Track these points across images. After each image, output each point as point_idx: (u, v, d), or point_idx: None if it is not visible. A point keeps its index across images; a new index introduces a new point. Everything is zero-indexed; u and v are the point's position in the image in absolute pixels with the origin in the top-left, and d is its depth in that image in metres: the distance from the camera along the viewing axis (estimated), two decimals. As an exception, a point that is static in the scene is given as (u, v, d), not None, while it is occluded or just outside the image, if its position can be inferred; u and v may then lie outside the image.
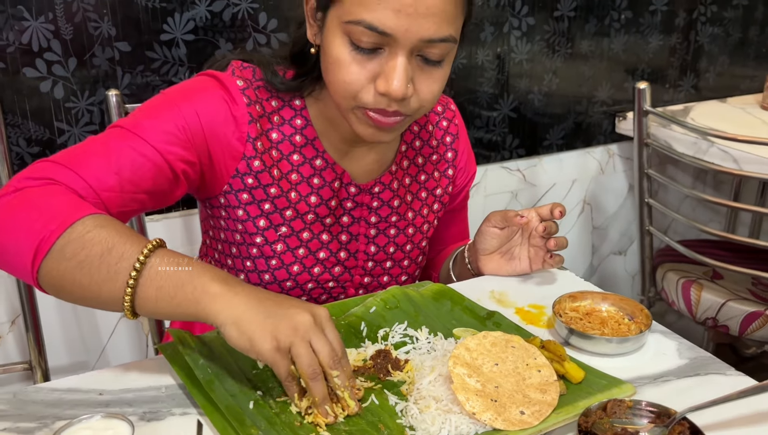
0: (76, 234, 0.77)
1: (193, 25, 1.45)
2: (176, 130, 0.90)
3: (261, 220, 0.98)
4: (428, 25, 0.81)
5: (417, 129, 1.09)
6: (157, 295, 0.76)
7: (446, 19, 0.82)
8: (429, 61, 0.85)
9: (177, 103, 0.91)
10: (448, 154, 1.12)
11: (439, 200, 1.12)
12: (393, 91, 0.83)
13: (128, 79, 1.43)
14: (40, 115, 1.39)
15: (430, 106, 0.90)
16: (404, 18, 0.80)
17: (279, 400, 0.77)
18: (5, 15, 1.30)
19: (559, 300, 0.95)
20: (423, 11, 0.80)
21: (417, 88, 0.86)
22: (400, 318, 0.92)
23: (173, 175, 0.91)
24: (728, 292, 1.74)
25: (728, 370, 0.86)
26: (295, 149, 0.98)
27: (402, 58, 0.83)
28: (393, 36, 0.81)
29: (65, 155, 0.86)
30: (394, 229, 1.07)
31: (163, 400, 0.80)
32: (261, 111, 0.95)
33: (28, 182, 0.83)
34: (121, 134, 0.88)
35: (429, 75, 0.86)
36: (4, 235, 0.79)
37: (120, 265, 0.76)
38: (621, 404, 0.74)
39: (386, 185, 1.05)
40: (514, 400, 0.74)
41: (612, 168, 2.15)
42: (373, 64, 0.84)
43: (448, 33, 0.83)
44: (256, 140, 0.94)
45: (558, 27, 1.88)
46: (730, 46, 2.18)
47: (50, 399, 0.80)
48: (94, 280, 0.77)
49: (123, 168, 0.86)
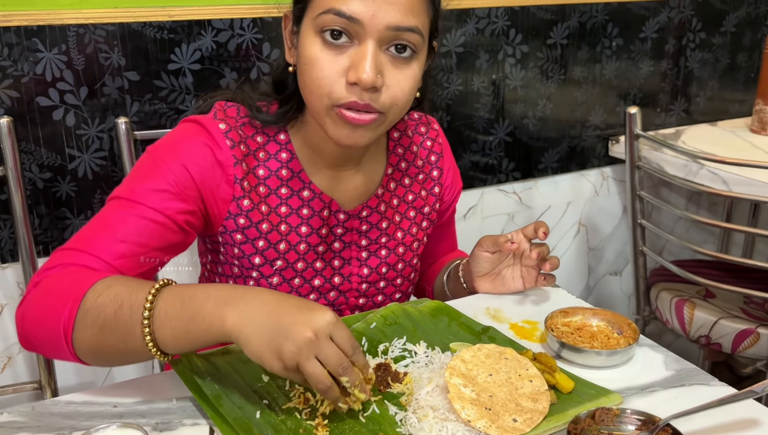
0: (89, 303, 0.82)
1: (200, 55, 1.51)
2: (169, 187, 0.94)
3: (256, 257, 1.02)
4: (394, 12, 0.86)
5: (401, 151, 1.13)
6: (174, 335, 0.80)
7: (411, 9, 0.88)
8: (398, 56, 0.89)
9: (164, 160, 0.95)
10: (434, 172, 1.16)
11: (427, 218, 1.16)
12: (363, 79, 0.86)
13: (137, 107, 1.49)
14: (52, 142, 1.44)
15: (402, 105, 0.92)
16: (371, 4, 0.86)
17: (284, 407, 0.81)
18: (21, 47, 1.37)
19: (551, 315, 1.00)
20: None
21: (387, 83, 0.89)
22: (399, 333, 0.97)
23: (178, 228, 0.95)
24: (720, 310, 1.78)
25: (712, 380, 0.90)
26: (282, 183, 1.02)
27: (371, 47, 0.87)
28: (360, 22, 0.86)
29: (74, 239, 0.91)
30: (384, 249, 1.11)
31: (174, 411, 0.84)
32: (246, 150, 0.99)
33: (45, 274, 0.88)
34: (119, 205, 0.93)
35: (399, 70, 0.90)
36: (38, 331, 0.85)
37: (132, 317, 0.80)
38: (608, 412, 0.79)
39: (373, 208, 1.09)
40: (507, 408, 0.78)
41: (606, 190, 2.20)
42: (343, 58, 0.88)
43: (414, 23, 0.88)
44: (243, 180, 0.98)
45: (551, 54, 1.94)
46: (719, 71, 2.25)
47: (67, 411, 0.85)
48: (118, 339, 0.81)
49: (128, 235, 0.91)
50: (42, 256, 1.48)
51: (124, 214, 0.92)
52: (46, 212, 1.48)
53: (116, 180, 1.51)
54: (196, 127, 0.98)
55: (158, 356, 0.81)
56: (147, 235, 0.92)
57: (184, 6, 1.48)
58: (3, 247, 1.46)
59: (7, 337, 1.53)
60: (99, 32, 1.42)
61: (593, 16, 1.97)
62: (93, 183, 1.49)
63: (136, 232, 0.91)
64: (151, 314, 0.79)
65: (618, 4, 1.99)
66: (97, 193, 1.51)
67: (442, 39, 1.76)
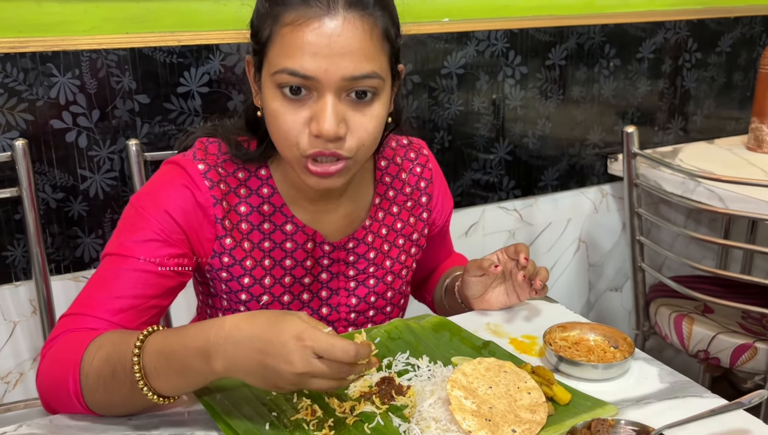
0: (87, 368, 0.86)
1: (208, 78, 1.56)
2: (156, 236, 0.96)
3: (242, 293, 1.04)
4: (346, 64, 0.86)
5: (389, 180, 1.13)
6: (171, 386, 0.83)
7: (364, 56, 0.87)
8: (359, 99, 0.90)
9: (147, 210, 0.97)
10: (423, 198, 1.16)
11: (416, 244, 1.17)
12: (324, 131, 0.87)
13: (147, 129, 1.54)
14: (65, 163, 1.49)
15: (369, 145, 0.93)
16: (322, 59, 0.86)
17: (292, 419, 0.84)
18: (36, 72, 1.41)
19: (549, 330, 1.03)
20: (338, 51, 0.86)
21: (351, 128, 0.90)
22: (402, 348, 1.00)
23: (173, 272, 0.98)
24: (718, 325, 1.81)
25: (705, 392, 0.93)
26: (265, 218, 1.03)
27: (330, 98, 0.88)
28: (315, 78, 0.87)
29: (76, 303, 0.95)
30: (372, 278, 1.11)
31: (187, 423, 0.88)
32: (225, 188, 1.01)
33: (51, 344, 0.92)
34: (112, 262, 0.96)
35: (362, 113, 0.90)
36: (55, 400, 0.90)
37: (127, 376, 0.83)
38: (604, 423, 0.82)
39: (360, 240, 1.09)
40: (507, 419, 0.81)
41: (606, 207, 2.23)
42: (304, 110, 0.89)
43: (369, 69, 0.88)
44: (224, 219, 1.00)
45: (550, 75, 1.98)
46: (716, 90, 2.29)
47: (83, 424, 0.88)
48: (124, 397, 0.85)
49: (123, 290, 0.94)
50: (54, 274, 1.52)
51: (117, 270, 0.95)
52: (58, 231, 1.52)
53: (126, 200, 1.55)
54: (176, 170, 1.00)
55: (167, 401, 0.85)
56: (142, 286, 0.95)
57: (193, 31, 1.53)
58: (16, 266, 1.50)
59: (19, 354, 1.57)
60: (111, 57, 1.47)
61: (591, 38, 2.01)
62: (104, 203, 1.54)
63: (131, 285, 0.94)
64: (142, 374, 0.82)
65: (615, 26, 2.04)
66: (108, 213, 1.55)
67: (443, 61, 1.81)
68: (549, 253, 2.18)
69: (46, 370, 0.91)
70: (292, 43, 0.87)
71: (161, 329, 0.85)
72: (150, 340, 0.83)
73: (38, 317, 1.52)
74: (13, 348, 1.56)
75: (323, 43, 0.86)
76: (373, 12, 0.89)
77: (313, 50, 0.86)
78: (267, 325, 0.78)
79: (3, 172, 1.43)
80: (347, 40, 0.87)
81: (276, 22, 0.89)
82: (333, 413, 0.86)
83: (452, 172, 1.91)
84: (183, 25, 1.52)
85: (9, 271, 1.50)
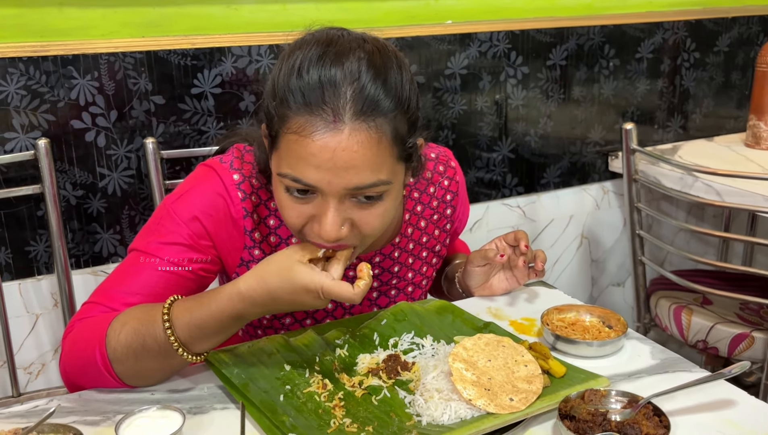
0: (114, 342, 0.92)
1: (221, 80, 1.62)
2: (182, 240, 0.99)
3: None
4: (350, 177, 0.84)
5: (417, 195, 1.15)
6: (202, 333, 0.89)
7: (369, 167, 0.84)
8: (366, 201, 0.88)
9: (178, 213, 1.00)
10: (447, 211, 1.19)
11: (437, 255, 1.20)
12: (325, 236, 0.86)
13: (162, 129, 1.60)
14: (84, 162, 1.55)
15: (378, 234, 0.93)
16: (325, 172, 0.83)
17: (305, 392, 0.90)
18: (57, 74, 1.48)
19: (547, 312, 1.09)
20: (342, 165, 0.83)
21: (357, 225, 0.89)
22: (407, 329, 1.06)
23: (194, 276, 1.01)
24: (716, 316, 1.86)
25: (693, 368, 0.99)
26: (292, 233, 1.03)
27: (333, 203, 0.86)
28: (318, 188, 0.85)
29: (97, 292, 1.01)
30: (394, 290, 1.16)
31: (206, 398, 0.94)
32: (257, 200, 1.03)
33: (74, 326, 0.99)
34: (136, 258, 1.00)
35: (368, 211, 0.89)
36: (81, 375, 0.96)
37: (160, 346, 0.90)
38: (596, 393, 0.87)
39: (387, 255, 1.12)
40: (505, 389, 0.87)
41: (607, 204, 2.29)
42: (309, 206, 0.88)
43: (375, 179, 0.85)
44: (254, 232, 1.03)
45: (551, 75, 2.04)
46: (714, 88, 2.34)
47: (110, 398, 0.95)
48: (156, 361, 0.92)
49: (142, 288, 0.99)
50: (74, 268, 1.59)
51: (139, 267, 1.00)
52: (78, 227, 1.59)
53: (143, 197, 1.62)
54: (212, 176, 1.02)
55: (196, 359, 0.92)
56: (162, 286, 0.99)
57: (206, 34, 1.60)
58: (39, 260, 1.57)
59: (41, 346, 1.63)
60: (128, 60, 1.54)
61: (590, 39, 2.07)
62: (121, 199, 1.60)
63: (151, 284, 0.99)
64: (172, 327, 0.89)
65: (614, 27, 2.10)
66: (125, 209, 1.61)
67: (447, 62, 1.87)
68: (552, 248, 2.23)
69: (70, 349, 0.97)
70: (296, 153, 0.85)
71: (179, 299, 0.92)
72: (175, 313, 0.90)
73: (59, 310, 1.59)
74: (36, 340, 1.62)
75: (326, 157, 0.83)
76: (384, 119, 0.86)
77: (316, 163, 0.83)
78: (279, 283, 0.87)
79: (26, 171, 1.50)
80: (351, 154, 0.83)
81: (283, 124, 0.87)
82: (343, 387, 0.92)
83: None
84: (197, 29, 1.59)
85: (32, 265, 1.56)
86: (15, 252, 1.54)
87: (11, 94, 1.46)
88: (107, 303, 1.00)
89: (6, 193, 1.47)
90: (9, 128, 1.47)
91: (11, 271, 1.55)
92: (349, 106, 0.84)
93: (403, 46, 1.80)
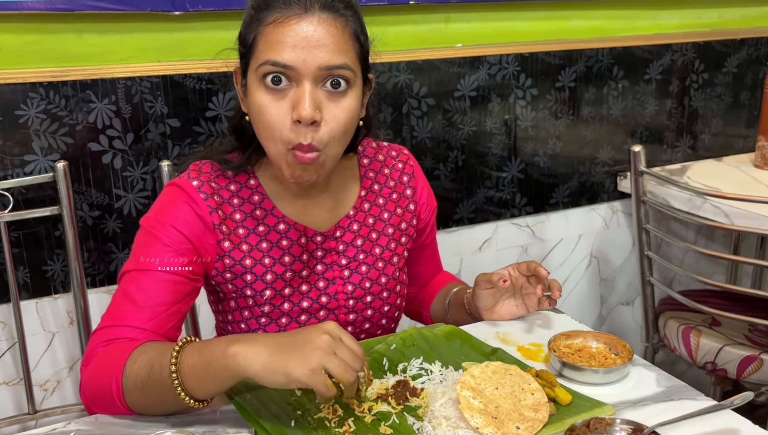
0: (129, 370, 0.96)
1: (235, 103, 1.65)
2: (167, 248, 1.07)
3: (247, 289, 1.14)
4: (321, 54, 0.99)
5: (373, 175, 1.24)
6: (199, 382, 0.92)
7: (336, 49, 1.00)
8: (334, 89, 1.01)
9: (156, 229, 1.08)
10: (407, 191, 1.26)
11: (405, 233, 1.26)
12: (303, 116, 0.98)
13: (177, 151, 1.64)
14: (101, 183, 1.59)
15: (340, 139, 1.04)
16: (300, 51, 0.98)
17: (315, 417, 0.92)
18: (76, 99, 1.52)
19: (554, 338, 1.10)
20: (314, 43, 0.99)
21: (325, 118, 1.01)
22: (416, 354, 1.08)
23: (186, 279, 1.09)
24: (725, 337, 1.87)
25: (699, 396, 1.00)
26: (259, 222, 1.14)
27: (307, 86, 0.99)
28: (294, 67, 0.99)
29: (106, 318, 1.06)
30: (364, 265, 1.20)
31: (219, 421, 0.96)
32: (220, 199, 1.12)
33: (91, 355, 1.03)
34: (132, 277, 1.06)
35: (335, 103, 1.02)
36: (99, 403, 1.00)
37: (163, 375, 0.93)
38: (602, 421, 0.89)
39: (345, 228, 1.19)
40: (511, 417, 0.89)
41: (616, 223, 2.30)
42: (286, 100, 1.01)
43: (342, 61, 1.00)
44: (221, 225, 1.11)
45: (560, 96, 2.07)
46: (723, 109, 2.36)
47: (125, 422, 0.97)
48: (157, 395, 0.95)
49: (147, 299, 1.05)
50: (90, 287, 1.62)
51: (138, 283, 1.05)
52: (94, 247, 1.62)
53: (158, 217, 1.65)
54: (175, 190, 1.12)
55: (193, 404, 0.94)
56: (163, 294, 1.06)
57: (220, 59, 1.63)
58: (56, 279, 1.60)
59: (57, 363, 1.66)
60: (145, 84, 1.57)
61: (599, 60, 2.09)
62: (136, 220, 1.64)
63: (153, 295, 1.05)
64: (177, 369, 0.92)
65: (622, 49, 2.12)
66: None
67: (457, 84, 1.90)
68: (561, 268, 2.25)
69: (90, 378, 1.01)
70: (275, 39, 1.00)
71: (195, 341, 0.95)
72: (189, 344, 0.94)
73: (75, 328, 1.62)
74: (51, 357, 1.65)
75: (301, 36, 0.99)
76: (344, 14, 1.02)
77: (292, 43, 0.99)
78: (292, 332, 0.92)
79: (45, 192, 1.54)
80: (322, 35, 0.99)
81: (260, 23, 1.02)
82: (353, 413, 0.94)
83: (466, 189, 1.99)
84: (212, 54, 1.62)
85: (49, 284, 1.60)
86: (33, 271, 1.58)
87: (31, 117, 1.50)
88: (122, 323, 1.03)
89: (25, 214, 1.51)
90: (29, 151, 1.51)
91: (29, 290, 1.58)
92: (316, 1, 1.01)
93: (413, 69, 1.83)
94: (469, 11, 1.89)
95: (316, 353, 0.86)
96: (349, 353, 0.88)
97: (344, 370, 0.87)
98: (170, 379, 0.92)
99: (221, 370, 0.90)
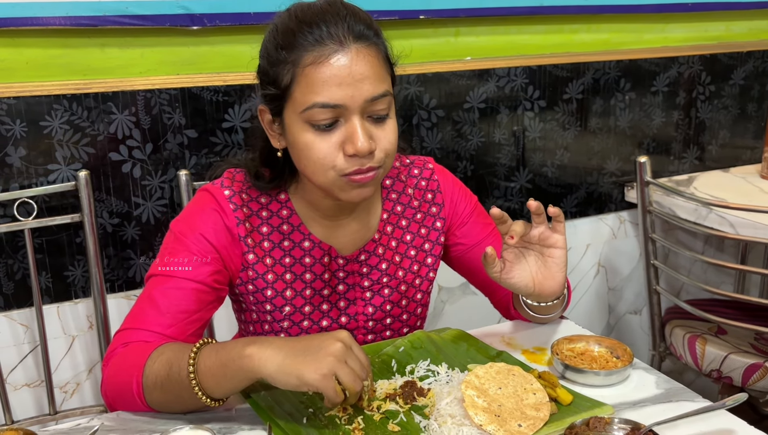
0: (148, 369, 1.01)
1: (250, 114, 1.71)
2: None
3: (267, 304, 1.17)
4: (366, 87, 1.00)
5: (395, 196, 1.23)
6: (216, 382, 0.96)
7: (377, 78, 1.01)
8: (378, 119, 1.03)
9: (185, 234, 1.11)
10: (432, 209, 1.24)
11: (430, 254, 1.24)
12: (360, 149, 1.00)
13: (194, 160, 1.69)
14: (120, 192, 1.65)
15: (393, 154, 1.06)
16: (346, 88, 0.99)
17: (327, 415, 0.97)
18: (98, 110, 1.58)
19: (557, 342, 1.14)
20: (359, 77, 0.99)
21: (376, 141, 1.03)
22: (424, 356, 1.12)
23: (210, 289, 1.11)
24: (731, 345, 1.89)
25: (696, 398, 1.03)
26: (284, 237, 1.16)
27: (357, 120, 1.00)
28: (344, 105, 0.99)
29: (129, 319, 1.10)
30: (387, 288, 1.21)
31: (234, 419, 1.01)
32: (248, 211, 1.14)
33: (111, 356, 1.07)
34: (157, 281, 1.09)
35: (382, 129, 1.04)
36: (120, 401, 1.05)
37: (181, 375, 0.97)
38: (601, 420, 0.93)
39: (371, 252, 1.20)
40: (514, 415, 0.93)
41: (624, 233, 2.33)
42: (335, 136, 1.01)
43: (384, 89, 1.02)
44: (247, 238, 1.13)
45: (568, 108, 2.11)
46: (730, 120, 2.39)
47: (145, 418, 1.02)
48: (176, 394, 0.99)
49: (170, 306, 1.08)
50: (109, 292, 1.67)
51: (162, 289, 1.08)
52: (113, 253, 1.67)
53: (175, 225, 1.70)
54: (207, 196, 1.14)
55: (209, 403, 0.98)
56: (186, 303, 1.08)
57: (237, 72, 1.69)
58: (76, 285, 1.66)
59: (76, 366, 1.71)
60: (163, 96, 1.63)
61: (606, 73, 2.13)
62: (155, 228, 1.69)
63: (176, 302, 1.08)
64: (195, 369, 0.96)
65: (629, 61, 2.16)
66: (158, 237, 1.70)
67: (466, 96, 1.95)
68: (569, 277, 2.25)
69: (111, 377, 1.05)
70: (318, 79, 0.99)
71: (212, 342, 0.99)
72: (207, 345, 0.98)
73: (95, 332, 1.67)
74: (72, 360, 1.71)
75: (345, 74, 0.99)
76: (375, 41, 1.04)
77: (338, 81, 0.99)
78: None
79: (67, 200, 1.60)
80: (363, 67, 1.00)
81: (296, 65, 1.01)
82: (362, 411, 0.99)
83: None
84: (228, 67, 1.68)
85: (70, 289, 1.65)
86: (54, 277, 1.63)
87: (55, 128, 1.56)
88: (142, 326, 1.07)
89: (48, 221, 1.56)
90: (52, 160, 1.57)
91: (50, 295, 1.64)
92: (349, 33, 1.00)
93: (423, 81, 1.88)
94: (478, 25, 1.94)
95: (329, 359, 0.91)
96: (358, 363, 0.93)
97: (353, 379, 0.91)
98: (188, 379, 0.96)
99: (237, 371, 0.94)
